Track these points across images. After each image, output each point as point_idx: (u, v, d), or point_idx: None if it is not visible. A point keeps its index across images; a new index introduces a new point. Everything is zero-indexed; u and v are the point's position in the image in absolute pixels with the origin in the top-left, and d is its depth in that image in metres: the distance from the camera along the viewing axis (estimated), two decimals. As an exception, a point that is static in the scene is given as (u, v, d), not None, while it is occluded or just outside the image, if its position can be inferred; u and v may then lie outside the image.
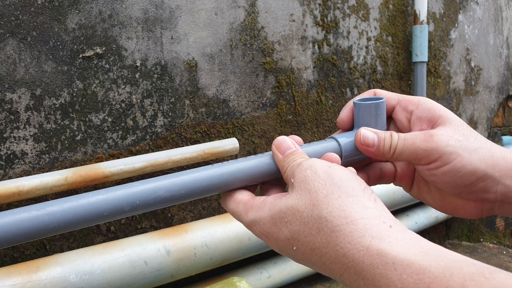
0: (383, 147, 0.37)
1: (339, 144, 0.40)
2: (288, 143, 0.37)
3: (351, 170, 0.34)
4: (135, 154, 0.97)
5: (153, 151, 0.99)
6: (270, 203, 0.33)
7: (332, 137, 0.41)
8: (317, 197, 0.30)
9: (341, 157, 0.39)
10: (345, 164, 0.39)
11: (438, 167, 0.34)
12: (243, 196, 0.37)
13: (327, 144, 0.40)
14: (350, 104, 0.43)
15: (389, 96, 0.41)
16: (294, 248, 0.31)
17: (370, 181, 0.42)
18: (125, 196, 0.35)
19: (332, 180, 0.31)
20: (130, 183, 0.37)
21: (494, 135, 2.00)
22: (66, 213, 0.33)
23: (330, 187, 0.30)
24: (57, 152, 0.88)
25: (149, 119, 0.98)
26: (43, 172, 0.86)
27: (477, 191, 0.34)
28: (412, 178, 0.41)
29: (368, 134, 0.38)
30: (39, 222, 0.32)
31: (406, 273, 0.24)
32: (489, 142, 0.36)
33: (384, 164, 0.42)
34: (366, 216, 0.28)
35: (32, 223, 0.32)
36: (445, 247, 0.47)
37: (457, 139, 0.34)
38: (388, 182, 0.43)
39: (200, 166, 1.09)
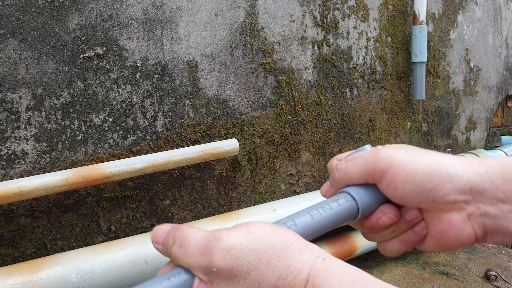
0: (336, 176, 0.38)
1: (354, 199, 0.38)
2: (162, 228, 0.34)
3: (260, 222, 0.34)
4: (136, 154, 0.97)
5: (153, 151, 0.99)
6: None
7: (345, 192, 0.39)
8: (260, 272, 0.29)
9: (358, 211, 0.38)
10: (362, 216, 0.39)
11: (394, 178, 0.35)
12: None
13: (345, 203, 0.38)
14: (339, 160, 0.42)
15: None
16: None
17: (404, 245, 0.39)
18: None
19: (262, 243, 0.30)
20: None
21: (493, 135, 2.01)
22: None
23: (266, 253, 0.30)
24: (58, 152, 0.88)
25: (149, 119, 0.99)
26: (44, 172, 0.86)
27: (450, 193, 0.34)
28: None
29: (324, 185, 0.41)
30: None
31: None
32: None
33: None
34: (305, 260, 0.30)
35: None
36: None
37: (403, 153, 0.35)
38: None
39: (200, 166, 1.10)
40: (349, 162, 0.37)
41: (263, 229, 0.31)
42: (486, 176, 0.33)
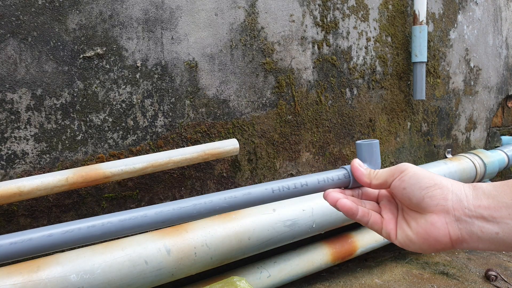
0: (369, 172, 0.55)
1: (348, 171, 0.57)
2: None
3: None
4: (136, 154, 0.97)
5: (153, 151, 0.99)
6: None
7: (343, 167, 0.58)
8: None
9: (350, 182, 0.57)
10: (353, 186, 0.57)
11: (406, 174, 0.50)
12: None
13: (340, 172, 0.57)
14: None
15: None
16: None
17: (361, 218, 0.54)
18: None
19: None
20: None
21: (493, 135, 2.01)
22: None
23: None
24: (57, 152, 0.88)
25: (149, 119, 0.99)
26: (43, 172, 0.86)
27: (437, 196, 0.46)
28: (395, 222, 0.52)
29: (361, 163, 0.57)
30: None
31: None
32: None
33: (374, 214, 0.55)
34: None
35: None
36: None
37: (414, 165, 0.51)
38: (376, 228, 0.54)
39: (200, 166, 1.10)
40: (379, 170, 0.55)
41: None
42: (463, 191, 0.45)
